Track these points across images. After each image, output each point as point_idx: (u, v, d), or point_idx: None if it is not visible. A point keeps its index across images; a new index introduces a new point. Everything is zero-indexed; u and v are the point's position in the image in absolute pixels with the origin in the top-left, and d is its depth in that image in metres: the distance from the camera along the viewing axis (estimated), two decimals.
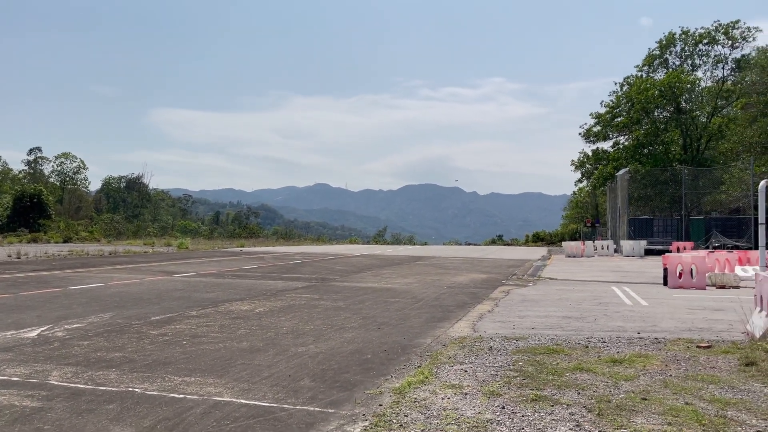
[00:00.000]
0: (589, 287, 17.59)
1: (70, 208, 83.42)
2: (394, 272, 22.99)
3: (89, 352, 8.12)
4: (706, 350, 8.42)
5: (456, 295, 15.63)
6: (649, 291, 16.46)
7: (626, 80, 56.67)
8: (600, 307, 13.19)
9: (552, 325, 10.64)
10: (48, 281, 17.73)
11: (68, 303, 13.01)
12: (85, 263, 25.63)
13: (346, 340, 9.20)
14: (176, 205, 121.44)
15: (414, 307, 13.13)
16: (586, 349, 8.43)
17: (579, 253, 37.30)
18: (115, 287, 16.28)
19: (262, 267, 24.78)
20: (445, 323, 10.94)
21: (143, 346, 8.57)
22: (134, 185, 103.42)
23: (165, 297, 14.30)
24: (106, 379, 6.72)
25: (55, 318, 10.94)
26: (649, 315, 11.99)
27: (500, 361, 7.68)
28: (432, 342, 9.10)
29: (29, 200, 63.89)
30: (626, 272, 24.01)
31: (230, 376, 6.91)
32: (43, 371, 7.03)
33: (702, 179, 47.05)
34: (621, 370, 7.20)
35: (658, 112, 54.23)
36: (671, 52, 56.22)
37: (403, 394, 6.13)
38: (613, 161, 54.75)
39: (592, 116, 58.62)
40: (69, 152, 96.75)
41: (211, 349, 8.40)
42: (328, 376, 6.94)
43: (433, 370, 7.16)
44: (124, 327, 10.11)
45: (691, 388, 6.41)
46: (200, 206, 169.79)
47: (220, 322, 10.76)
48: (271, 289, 16.19)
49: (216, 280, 18.88)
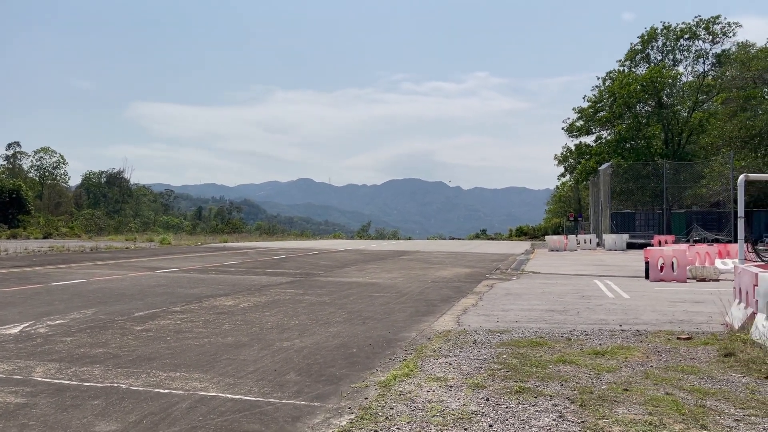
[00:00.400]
0: (572, 281, 17.77)
1: (49, 203, 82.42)
2: (378, 267, 23.03)
3: (72, 348, 8.07)
4: (687, 342, 8.57)
5: (440, 289, 15.71)
6: (630, 284, 16.66)
7: (608, 75, 57.14)
8: (583, 300, 13.33)
9: (535, 319, 10.75)
10: (29, 277, 17.53)
11: (50, 299, 12.89)
12: (66, 259, 25.36)
13: (331, 334, 9.22)
14: (158, 201, 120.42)
15: (399, 301, 13.18)
16: (569, 342, 8.53)
17: (562, 247, 37.63)
18: (98, 283, 16.14)
19: (246, 262, 24.70)
20: (429, 317, 11.00)
21: (127, 341, 8.53)
22: (115, 180, 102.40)
23: (148, 293, 14.21)
24: (90, 374, 6.69)
25: (37, 314, 10.84)
26: (631, 308, 12.15)
27: (484, 354, 7.75)
28: (417, 336, 9.15)
29: (8, 196, 62.98)
30: (608, 266, 24.28)
31: (216, 371, 6.90)
32: (27, 367, 6.97)
33: (683, 173, 47.63)
34: (603, 361, 7.30)
35: (640, 106, 54.77)
36: (653, 47, 56.75)
37: (388, 387, 6.17)
38: (596, 155, 55.22)
39: (575, 111, 59.08)
40: (48, 147, 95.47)
41: (196, 344, 8.38)
42: (313, 370, 6.96)
43: (418, 363, 7.21)
44: (107, 323, 10.04)
45: (671, 378, 6.52)
46: (182, 201, 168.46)
47: (205, 317, 10.72)
48: (255, 285, 16.16)
49: (199, 275, 18.79)
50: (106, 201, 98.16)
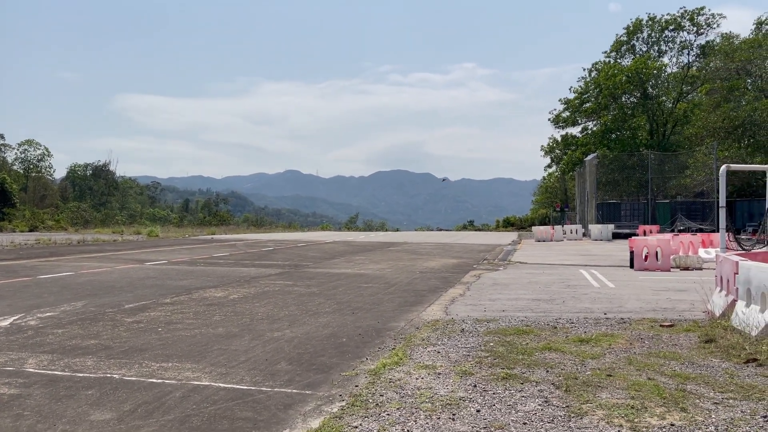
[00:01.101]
0: (558, 270, 17.99)
1: (34, 196, 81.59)
2: (366, 258, 23.15)
3: (64, 340, 8.12)
4: (669, 329, 8.77)
5: (428, 279, 15.86)
6: (615, 273, 16.90)
7: (594, 66, 57.45)
8: (568, 289, 13.53)
9: (522, 308, 10.92)
10: (16, 270, 17.47)
11: (39, 292, 12.88)
12: (53, 252, 25.24)
13: (321, 324, 9.33)
14: (144, 193, 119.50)
15: (387, 292, 13.31)
16: (555, 330, 8.70)
17: (548, 237, 37.95)
18: (86, 276, 16.12)
19: (235, 254, 24.72)
20: (418, 307, 11.14)
21: (118, 333, 8.59)
22: (101, 173, 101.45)
23: (137, 285, 14.23)
24: (83, 365, 6.75)
25: (27, 307, 10.85)
26: (616, 296, 12.37)
27: (472, 342, 7.90)
28: (405, 325, 9.28)
29: None
30: (594, 255, 24.56)
31: (207, 361, 6.99)
32: (19, 359, 7.02)
33: (668, 164, 48.10)
34: (588, 348, 7.48)
35: (626, 97, 55.14)
36: (638, 38, 57.09)
37: (378, 375, 6.29)
38: (582, 146, 55.62)
39: (561, 102, 59.40)
40: (32, 139, 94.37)
41: (187, 335, 8.46)
42: (304, 360, 7.07)
43: (407, 351, 7.34)
44: (97, 315, 10.08)
45: (653, 364, 6.70)
46: (169, 194, 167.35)
47: (195, 309, 10.79)
48: (244, 276, 16.22)
49: (188, 267, 18.81)
50: (92, 194, 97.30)
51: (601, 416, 5.02)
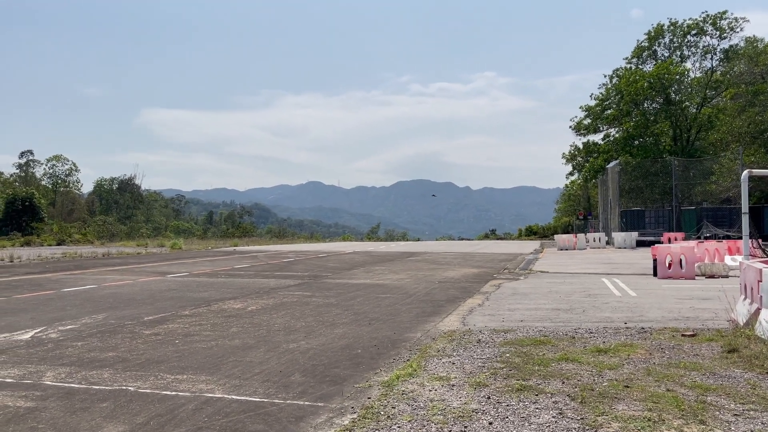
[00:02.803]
0: (580, 279, 17.77)
1: (62, 210, 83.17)
2: (386, 268, 23.11)
3: (83, 352, 8.21)
4: (691, 338, 8.59)
5: (447, 289, 15.77)
6: (638, 282, 16.64)
7: (615, 72, 56.92)
8: (589, 298, 13.35)
9: (541, 317, 10.79)
10: (41, 284, 17.76)
11: (62, 305, 13.08)
12: (78, 265, 25.64)
13: (336, 335, 9.32)
14: (169, 206, 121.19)
15: (405, 302, 13.26)
16: (573, 340, 8.57)
17: (571, 245, 37.54)
18: (109, 288, 16.34)
19: (255, 266, 24.86)
20: (435, 317, 11.07)
21: (136, 345, 8.67)
22: (127, 187, 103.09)
23: (158, 297, 14.37)
24: (99, 378, 6.82)
25: (48, 320, 11.01)
26: (637, 305, 12.16)
27: (488, 353, 7.82)
28: (422, 336, 9.22)
29: (21, 204, 63.64)
30: (617, 264, 24.22)
31: (222, 372, 7.01)
32: (37, 372, 7.12)
33: (692, 170, 47.34)
34: (606, 359, 7.35)
35: (648, 103, 54.49)
36: (660, 43, 56.46)
37: (391, 387, 6.25)
38: (604, 153, 55.04)
39: (583, 109, 58.90)
40: (61, 155, 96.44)
41: (204, 347, 8.50)
42: (318, 371, 7.05)
43: (422, 363, 7.28)
44: (117, 327, 10.19)
45: (673, 375, 6.56)
46: (193, 206, 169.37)
47: (213, 320, 10.85)
48: (263, 288, 16.29)
49: (209, 279, 18.95)
50: (118, 207, 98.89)
51: (616, 429, 4.92)
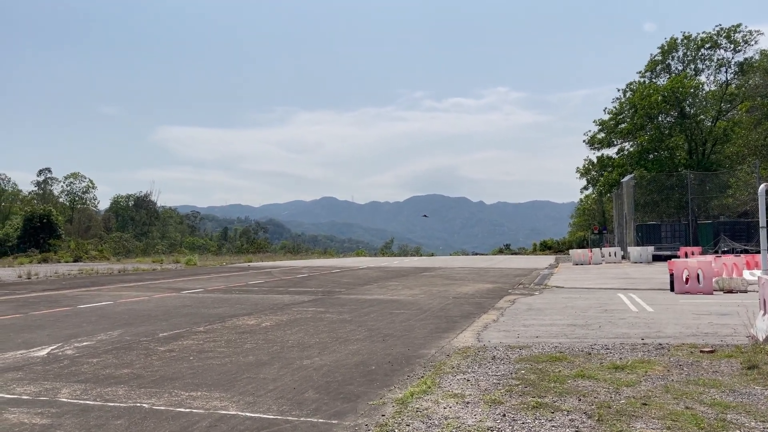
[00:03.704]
0: (596, 295, 17.61)
1: (79, 227, 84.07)
2: (400, 284, 23.06)
3: (98, 369, 8.25)
4: (710, 355, 8.46)
5: (461, 305, 15.69)
6: (655, 297, 16.45)
7: (629, 86, 56.80)
8: (605, 314, 13.21)
9: (556, 333, 10.69)
10: (58, 300, 17.92)
11: (78, 321, 13.17)
12: (94, 282, 25.85)
13: (350, 352, 9.29)
14: (184, 222, 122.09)
15: (419, 318, 13.21)
16: (589, 356, 8.48)
17: (586, 260, 37.25)
18: (124, 305, 16.44)
19: (269, 281, 24.92)
20: (449, 334, 11.01)
21: (151, 362, 8.70)
22: (142, 203, 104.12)
23: (173, 313, 14.44)
24: (114, 395, 6.84)
25: (65, 336, 11.09)
26: (654, 321, 12.01)
27: (503, 369, 7.75)
28: (436, 352, 9.17)
29: (39, 221, 64.45)
30: (633, 279, 23.99)
31: (236, 389, 7.01)
32: (53, 389, 7.16)
33: (708, 183, 46.92)
34: (623, 376, 7.25)
35: (662, 117, 54.26)
36: (673, 57, 56.33)
37: (405, 404, 6.21)
38: (618, 167, 54.75)
39: (596, 123, 58.75)
40: (78, 172, 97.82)
41: (218, 363, 8.51)
42: (332, 388, 7.03)
43: (436, 380, 7.23)
44: (132, 344, 10.24)
45: (692, 392, 6.46)
46: (208, 223, 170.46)
47: (227, 337, 10.87)
48: (277, 304, 16.31)
49: (223, 295, 19.02)
50: (133, 224, 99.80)
51: None
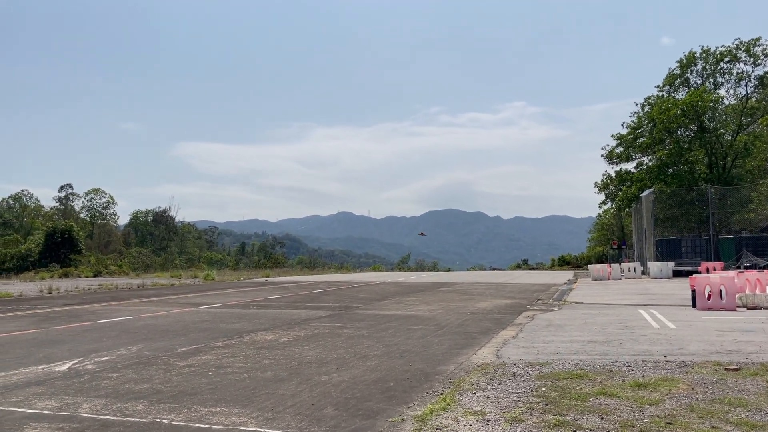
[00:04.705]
0: (616, 311, 17.39)
1: (99, 242, 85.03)
2: (417, 299, 22.97)
3: (118, 384, 8.30)
4: (735, 373, 8.30)
5: (480, 321, 15.58)
6: (677, 313, 16.21)
7: (647, 100, 56.38)
8: (626, 330, 13.04)
9: (577, 350, 10.56)
10: (79, 315, 18.08)
11: (98, 336, 13.28)
12: (114, 297, 26.07)
13: (369, 368, 9.25)
14: (202, 237, 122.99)
15: (437, 334, 13.13)
16: (611, 374, 8.36)
17: (605, 276, 36.85)
18: (144, 320, 16.55)
19: (287, 297, 24.95)
20: (468, 350, 10.92)
21: (170, 377, 8.73)
22: (161, 219, 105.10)
23: (191, 328, 14.50)
24: (134, 410, 6.87)
25: (85, 351, 11.18)
26: (677, 338, 11.83)
27: (523, 387, 7.66)
28: (455, 369, 9.10)
29: (60, 236, 65.31)
30: (654, 294, 23.67)
31: (254, 405, 7.01)
32: (74, 404, 7.20)
33: (730, 198, 46.30)
34: (646, 394, 7.14)
35: (681, 131, 53.73)
36: (692, 71, 55.87)
37: (425, 421, 6.16)
38: (637, 182, 54.22)
39: (614, 137, 58.31)
40: (98, 188, 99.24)
41: (236, 379, 8.52)
42: (350, 405, 6.99)
43: (456, 397, 7.17)
44: (151, 359, 10.29)
45: (717, 411, 6.33)
46: (226, 238, 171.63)
47: (245, 352, 10.88)
48: (295, 319, 16.31)
49: (241, 310, 19.07)
50: (152, 239, 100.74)
51: None
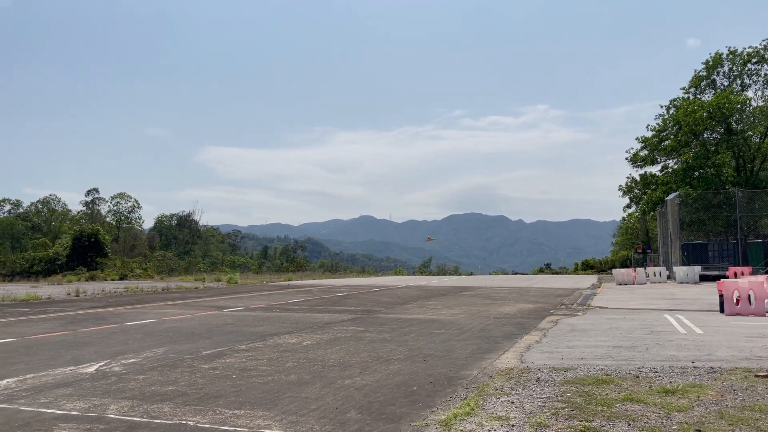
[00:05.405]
0: (641, 315, 17.16)
1: (125, 246, 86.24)
2: (439, 303, 22.91)
3: (144, 386, 8.40)
4: (765, 379, 8.14)
5: (503, 325, 15.48)
6: (704, 318, 15.95)
7: (673, 103, 55.64)
8: (652, 335, 12.86)
9: (602, 355, 10.44)
10: (105, 318, 18.35)
11: (124, 339, 13.46)
12: (139, 300, 26.41)
13: (391, 372, 9.24)
14: (225, 241, 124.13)
15: (460, 338, 13.07)
16: (637, 380, 8.25)
17: (630, 280, 36.39)
18: (168, 323, 16.74)
19: (309, 300, 25.05)
20: (491, 354, 10.86)
21: (195, 379, 8.81)
22: (185, 222, 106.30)
23: (215, 331, 14.63)
24: (160, 412, 6.95)
25: (112, 353, 11.34)
26: (704, 343, 11.63)
27: (548, 392, 7.59)
28: (478, 373, 9.05)
29: (87, 240, 66.39)
30: (680, 299, 23.31)
31: (279, 408, 7.04)
32: (101, 405, 7.31)
33: (758, 201, 45.46)
34: (674, 400, 7.03)
35: (708, 133, 52.91)
36: (719, 72, 55.02)
37: (449, 426, 6.13)
38: (663, 185, 53.50)
39: (639, 140, 57.61)
40: (124, 192, 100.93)
41: (260, 382, 8.57)
42: (374, 408, 6.99)
43: (480, 401, 7.13)
44: (176, 361, 10.40)
45: (747, 418, 6.21)
46: (249, 241, 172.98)
47: (269, 355, 10.95)
48: (317, 322, 16.37)
49: (264, 314, 19.19)
50: (177, 242, 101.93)
51: None
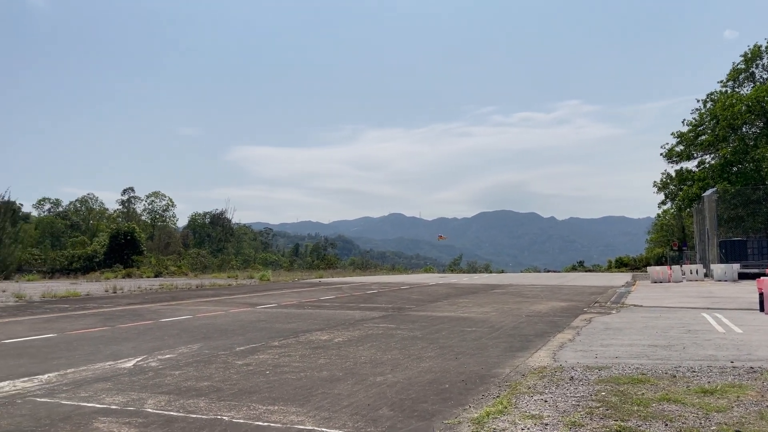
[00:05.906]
0: (677, 314, 16.83)
1: (160, 244, 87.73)
2: (470, 301, 22.80)
3: (180, 381, 8.56)
4: None
5: (535, 323, 15.34)
6: (743, 317, 15.57)
7: (710, 97, 54.34)
8: (689, 334, 12.61)
9: (637, 354, 10.28)
10: (141, 314, 18.72)
11: (160, 335, 13.72)
12: (174, 296, 26.87)
13: (423, 369, 9.24)
14: (258, 239, 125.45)
15: (491, 336, 13.00)
16: (674, 379, 8.10)
17: (666, 278, 35.70)
18: (203, 319, 17.00)
19: (340, 297, 25.18)
20: (524, 353, 10.78)
21: (229, 375, 8.94)
22: (218, 221, 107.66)
23: (248, 328, 14.81)
24: (196, 407, 7.07)
25: (148, 349, 11.57)
26: (744, 343, 11.36)
27: (582, 391, 7.51)
28: (511, 372, 9.00)
29: (123, 238, 67.73)
30: (718, 298, 22.79)
31: (311, 404, 7.10)
32: (139, 399, 7.47)
33: None
34: (712, 400, 6.89)
35: (746, 128, 51.58)
36: (758, 65, 53.52)
37: (482, 424, 6.11)
38: (699, 181, 52.33)
39: (674, 135, 56.44)
40: (159, 191, 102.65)
41: (293, 378, 8.66)
42: (406, 406, 7.01)
43: (512, 400, 7.09)
44: (211, 357, 10.56)
45: None
46: (280, 239, 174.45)
47: (301, 352, 11.04)
48: (349, 319, 16.45)
49: (296, 310, 19.36)
50: (210, 240, 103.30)
51: None
